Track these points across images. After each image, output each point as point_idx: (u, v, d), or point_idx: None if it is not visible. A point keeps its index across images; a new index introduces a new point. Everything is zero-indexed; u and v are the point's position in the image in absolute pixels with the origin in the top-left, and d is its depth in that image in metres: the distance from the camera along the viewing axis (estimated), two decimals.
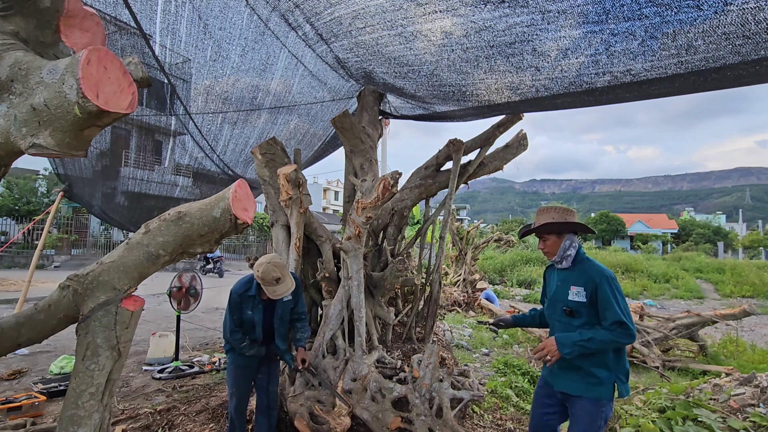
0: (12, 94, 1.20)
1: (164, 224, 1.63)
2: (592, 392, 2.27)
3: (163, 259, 1.63)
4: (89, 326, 1.49)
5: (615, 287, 2.24)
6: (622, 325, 2.15)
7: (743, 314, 6.70)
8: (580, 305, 2.31)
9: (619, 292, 2.24)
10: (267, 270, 2.75)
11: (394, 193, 3.48)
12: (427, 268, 5.19)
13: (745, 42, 1.86)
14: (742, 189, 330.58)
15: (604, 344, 2.18)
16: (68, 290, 1.54)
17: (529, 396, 4.75)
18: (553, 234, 2.44)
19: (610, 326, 2.18)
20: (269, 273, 2.75)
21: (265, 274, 2.75)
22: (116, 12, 2.84)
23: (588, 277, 2.31)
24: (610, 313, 2.19)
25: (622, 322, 2.15)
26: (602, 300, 2.23)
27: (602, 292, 2.23)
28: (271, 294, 2.80)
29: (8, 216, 20.26)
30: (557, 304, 2.45)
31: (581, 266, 2.38)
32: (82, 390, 1.47)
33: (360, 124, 4.39)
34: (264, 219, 26.47)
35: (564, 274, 2.45)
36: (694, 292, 17.81)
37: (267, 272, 2.75)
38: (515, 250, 23.37)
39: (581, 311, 2.31)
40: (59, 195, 6.34)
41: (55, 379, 4.76)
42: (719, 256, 34.55)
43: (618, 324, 2.16)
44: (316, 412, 3.09)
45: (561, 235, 2.43)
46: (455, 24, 2.32)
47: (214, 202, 1.69)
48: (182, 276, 5.58)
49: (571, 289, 2.36)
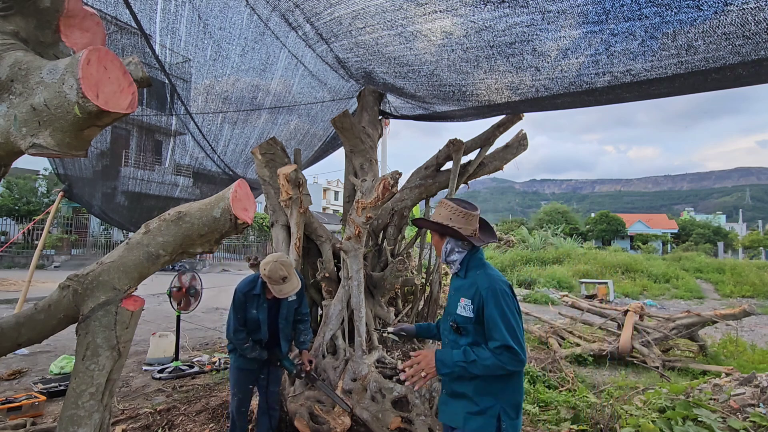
0: (12, 94, 1.20)
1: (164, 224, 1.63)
2: (470, 424, 1.90)
3: (163, 259, 1.63)
4: (89, 326, 1.49)
5: (505, 303, 1.87)
6: (509, 349, 1.80)
7: (743, 314, 6.70)
8: (467, 321, 1.95)
9: (509, 309, 1.87)
10: (274, 268, 2.75)
11: (394, 193, 3.48)
12: (427, 268, 5.19)
13: (745, 42, 1.86)
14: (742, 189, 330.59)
15: (488, 369, 1.82)
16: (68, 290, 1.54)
17: (529, 396, 4.76)
18: (436, 233, 2.14)
19: (495, 350, 1.82)
20: (276, 271, 2.75)
21: (272, 272, 2.75)
22: (116, 12, 2.84)
23: (476, 289, 1.94)
24: (496, 335, 1.84)
25: (509, 347, 1.80)
26: (488, 318, 1.87)
27: (488, 309, 1.87)
28: (277, 293, 2.80)
29: (8, 216, 20.28)
30: (447, 317, 2.11)
31: (473, 274, 2.01)
32: (82, 390, 1.47)
33: (360, 124, 4.39)
34: (264, 219, 26.47)
35: (457, 282, 2.11)
36: (694, 292, 17.80)
37: (274, 270, 2.75)
38: (515, 250, 23.38)
39: (468, 328, 1.95)
40: (59, 195, 6.34)
41: (55, 379, 4.77)
42: (719, 256, 34.55)
43: (504, 348, 1.80)
44: (316, 412, 3.09)
45: (443, 236, 2.11)
46: (455, 24, 2.32)
47: (214, 202, 1.69)
48: (182, 276, 5.58)
49: (460, 300, 1.99)
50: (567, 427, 3.90)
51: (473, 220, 2.05)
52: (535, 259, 22.34)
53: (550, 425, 4.02)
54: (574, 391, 4.87)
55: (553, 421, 4.11)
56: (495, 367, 1.81)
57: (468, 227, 2.04)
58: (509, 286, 1.96)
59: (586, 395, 4.56)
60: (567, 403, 4.45)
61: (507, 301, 1.89)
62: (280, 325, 3.07)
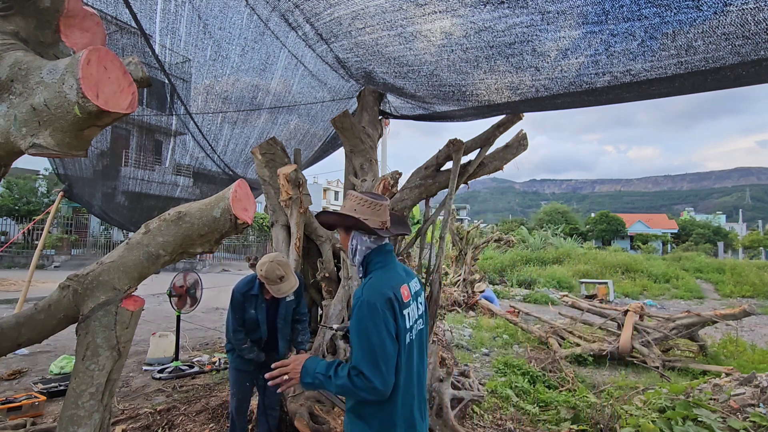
0: (12, 94, 1.20)
1: (164, 224, 1.63)
2: None
3: (163, 259, 1.63)
4: (89, 326, 1.49)
5: (370, 319, 1.55)
6: (360, 375, 1.52)
7: (743, 314, 6.70)
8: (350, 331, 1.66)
9: (373, 327, 1.54)
10: (271, 268, 2.76)
11: (394, 193, 3.48)
12: (427, 268, 5.19)
13: (745, 42, 1.86)
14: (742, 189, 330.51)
15: (342, 390, 1.56)
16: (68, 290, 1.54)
17: (529, 396, 4.76)
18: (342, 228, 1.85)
19: (351, 370, 1.55)
20: (273, 271, 2.75)
21: (268, 272, 2.75)
22: (116, 12, 2.84)
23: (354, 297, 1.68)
24: (353, 354, 1.57)
25: (360, 372, 1.52)
26: (350, 333, 1.62)
27: (351, 323, 1.61)
28: (275, 292, 2.80)
29: (8, 216, 20.27)
30: None
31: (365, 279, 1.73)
32: (82, 390, 1.47)
33: (360, 124, 4.39)
34: (264, 219, 26.47)
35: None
36: (694, 292, 17.81)
37: (271, 270, 2.75)
38: (515, 250, 23.38)
39: (353, 339, 1.65)
40: (59, 195, 6.34)
41: (55, 379, 4.77)
42: (719, 256, 34.56)
43: (357, 372, 1.53)
44: (316, 412, 3.09)
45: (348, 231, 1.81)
46: (455, 24, 2.32)
47: (214, 202, 1.69)
48: (182, 276, 5.58)
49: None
50: (567, 427, 3.90)
51: (382, 211, 1.78)
52: (535, 259, 22.36)
53: (550, 425, 4.03)
54: (574, 391, 4.87)
55: (553, 421, 4.12)
56: (348, 390, 1.55)
57: (375, 218, 1.75)
58: (387, 300, 1.59)
59: (586, 395, 4.57)
60: (567, 403, 4.45)
61: (373, 317, 1.55)
62: (278, 325, 3.07)
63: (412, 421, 1.68)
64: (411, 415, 1.68)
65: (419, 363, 1.76)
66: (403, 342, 1.64)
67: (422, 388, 1.79)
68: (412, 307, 1.74)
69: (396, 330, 1.61)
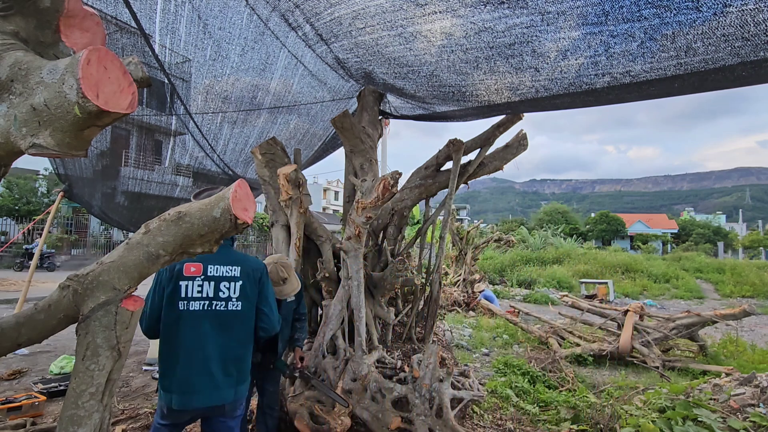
0: (12, 94, 1.20)
1: (164, 224, 1.63)
2: None
3: (163, 259, 1.63)
4: (89, 326, 1.49)
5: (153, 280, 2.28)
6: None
7: (743, 314, 6.70)
8: None
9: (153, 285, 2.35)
10: (274, 270, 2.77)
11: (394, 193, 3.48)
12: (427, 268, 5.19)
13: (745, 44, 1.86)
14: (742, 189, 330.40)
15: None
16: (68, 290, 1.54)
17: (529, 396, 4.76)
18: None
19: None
20: (276, 273, 2.77)
21: (272, 274, 2.76)
22: (116, 12, 2.84)
23: None
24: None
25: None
26: None
27: None
28: (277, 294, 2.80)
29: (8, 216, 20.27)
30: None
31: None
32: (82, 390, 1.47)
33: (360, 124, 4.39)
34: (264, 219, 26.44)
35: None
36: (694, 292, 17.81)
37: (274, 272, 2.76)
38: (515, 250, 23.38)
39: None
40: (59, 195, 6.34)
41: (55, 379, 4.77)
42: (719, 256, 34.56)
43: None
44: (316, 412, 3.09)
45: None
46: (455, 25, 2.32)
47: (214, 202, 1.69)
48: None
49: None
50: (567, 427, 3.90)
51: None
52: (535, 259, 22.36)
53: (550, 425, 4.03)
54: (574, 391, 4.88)
55: (553, 421, 4.12)
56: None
57: None
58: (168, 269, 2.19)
59: (586, 395, 4.57)
60: (567, 403, 4.45)
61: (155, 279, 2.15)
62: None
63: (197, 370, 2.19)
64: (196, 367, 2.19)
65: (216, 333, 2.22)
66: (176, 305, 2.20)
67: (226, 353, 2.23)
68: (197, 282, 2.22)
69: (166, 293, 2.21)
